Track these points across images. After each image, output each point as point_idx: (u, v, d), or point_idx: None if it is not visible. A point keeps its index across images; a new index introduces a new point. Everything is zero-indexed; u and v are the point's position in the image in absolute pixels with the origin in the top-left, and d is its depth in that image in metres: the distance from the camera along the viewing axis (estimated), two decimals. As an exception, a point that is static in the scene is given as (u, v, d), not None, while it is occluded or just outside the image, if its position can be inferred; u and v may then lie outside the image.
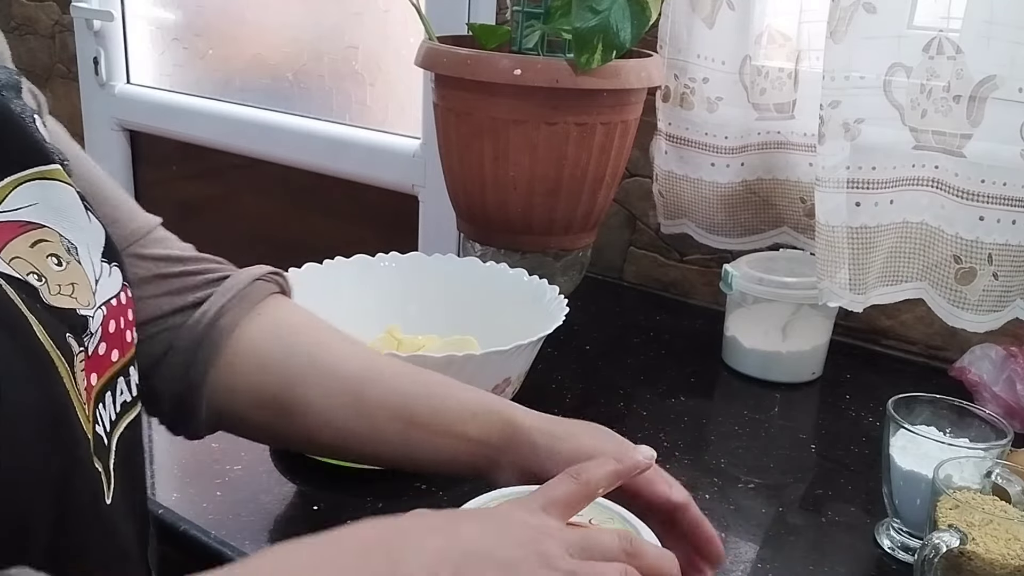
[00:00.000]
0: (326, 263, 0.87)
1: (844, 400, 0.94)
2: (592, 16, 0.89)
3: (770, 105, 1.03)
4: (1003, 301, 0.91)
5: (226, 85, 1.71)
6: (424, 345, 0.84)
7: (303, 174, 1.60)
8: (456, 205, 1.04)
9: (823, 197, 0.92)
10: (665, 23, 1.05)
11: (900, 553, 0.68)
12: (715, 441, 0.85)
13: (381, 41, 1.51)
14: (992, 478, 0.63)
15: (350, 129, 1.53)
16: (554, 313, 0.80)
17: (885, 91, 0.91)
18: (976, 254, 0.90)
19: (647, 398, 0.92)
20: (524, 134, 0.93)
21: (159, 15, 1.80)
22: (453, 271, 0.91)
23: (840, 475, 0.80)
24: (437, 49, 0.95)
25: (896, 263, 0.97)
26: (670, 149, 1.10)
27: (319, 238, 1.64)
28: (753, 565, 0.67)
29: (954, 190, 0.90)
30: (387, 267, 0.90)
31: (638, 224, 1.23)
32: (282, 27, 1.63)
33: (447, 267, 0.91)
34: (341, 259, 0.88)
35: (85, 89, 1.89)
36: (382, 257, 0.90)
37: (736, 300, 0.97)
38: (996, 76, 0.85)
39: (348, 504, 0.69)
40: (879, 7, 0.87)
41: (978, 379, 0.90)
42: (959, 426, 0.71)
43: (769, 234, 1.12)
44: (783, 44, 1.02)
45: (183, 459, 0.75)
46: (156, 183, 1.92)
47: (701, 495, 0.75)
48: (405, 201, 1.46)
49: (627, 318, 1.13)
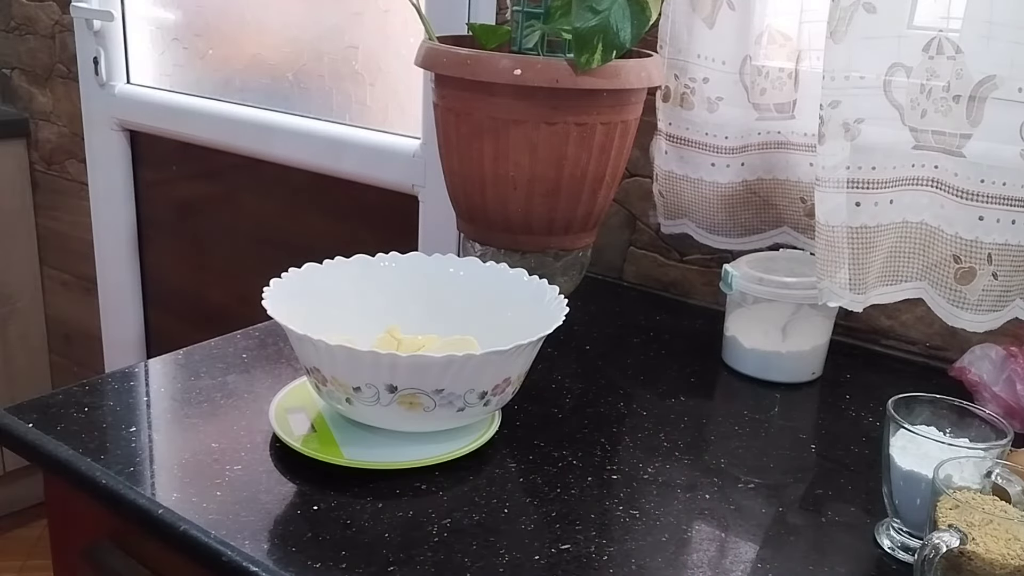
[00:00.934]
0: (326, 263, 0.86)
1: (844, 400, 0.94)
2: (592, 16, 0.89)
3: (770, 105, 1.03)
4: (1003, 301, 0.91)
5: (226, 85, 1.71)
6: (424, 345, 0.84)
7: (303, 174, 1.60)
8: (456, 205, 1.04)
9: (823, 197, 0.92)
10: (665, 23, 1.05)
11: (900, 553, 0.68)
12: (715, 441, 0.85)
13: (381, 41, 1.51)
14: (992, 478, 0.63)
15: (350, 129, 1.53)
16: (554, 313, 0.80)
17: (885, 91, 0.91)
18: (976, 254, 0.90)
19: (647, 398, 0.92)
20: (524, 134, 0.93)
21: (159, 15, 1.80)
22: (453, 271, 0.91)
23: (840, 475, 0.80)
24: (437, 49, 0.95)
25: (896, 263, 0.97)
26: (670, 149, 1.10)
27: (319, 238, 1.64)
28: (753, 565, 0.67)
29: (954, 190, 0.90)
30: (387, 267, 0.90)
31: (638, 224, 1.23)
32: (282, 27, 1.63)
33: (447, 267, 0.91)
34: (341, 259, 0.88)
35: (85, 89, 1.89)
36: (382, 257, 0.90)
37: (736, 300, 0.97)
38: (996, 76, 0.85)
39: (348, 504, 0.69)
40: (879, 7, 0.87)
41: (978, 379, 0.90)
42: (959, 426, 0.71)
43: (769, 234, 1.12)
44: (783, 44, 1.02)
45: (183, 459, 0.75)
46: (156, 183, 1.92)
47: (701, 495, 0.75)
48: (405, 201, 1.46)
49: (627, 318, 1.13)
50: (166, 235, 1.92)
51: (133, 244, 1.97)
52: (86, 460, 0.73)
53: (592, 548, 0.66)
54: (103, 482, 0.71)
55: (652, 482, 0.76)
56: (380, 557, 0.64)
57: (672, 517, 0.71)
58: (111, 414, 0.81)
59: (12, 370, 2.18)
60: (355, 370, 0.71)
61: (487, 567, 0.63)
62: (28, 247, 2.16)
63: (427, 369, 0.70)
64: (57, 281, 2.18)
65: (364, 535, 0.66)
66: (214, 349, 0.94)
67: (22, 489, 2.20)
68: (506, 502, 0.71)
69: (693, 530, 0.70)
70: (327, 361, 0.72)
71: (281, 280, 0.81)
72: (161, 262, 1.96)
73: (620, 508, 0.72)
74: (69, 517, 0.82)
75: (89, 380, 0.86)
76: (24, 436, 0.76)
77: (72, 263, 2.12)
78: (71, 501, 0.81)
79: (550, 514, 0.70)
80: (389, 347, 0.81)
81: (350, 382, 0.72)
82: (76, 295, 2.14)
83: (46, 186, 2.11)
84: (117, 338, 2.05)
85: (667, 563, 0.66)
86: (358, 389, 0.72)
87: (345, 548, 0.64)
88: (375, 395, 0.72)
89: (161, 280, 1.97)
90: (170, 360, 0.92)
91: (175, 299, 1.95)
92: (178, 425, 0.80)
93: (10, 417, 0.78)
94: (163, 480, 0.72)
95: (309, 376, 0.76)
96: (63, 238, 2.12)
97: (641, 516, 0.71)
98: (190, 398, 0.84)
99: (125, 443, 0.76)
